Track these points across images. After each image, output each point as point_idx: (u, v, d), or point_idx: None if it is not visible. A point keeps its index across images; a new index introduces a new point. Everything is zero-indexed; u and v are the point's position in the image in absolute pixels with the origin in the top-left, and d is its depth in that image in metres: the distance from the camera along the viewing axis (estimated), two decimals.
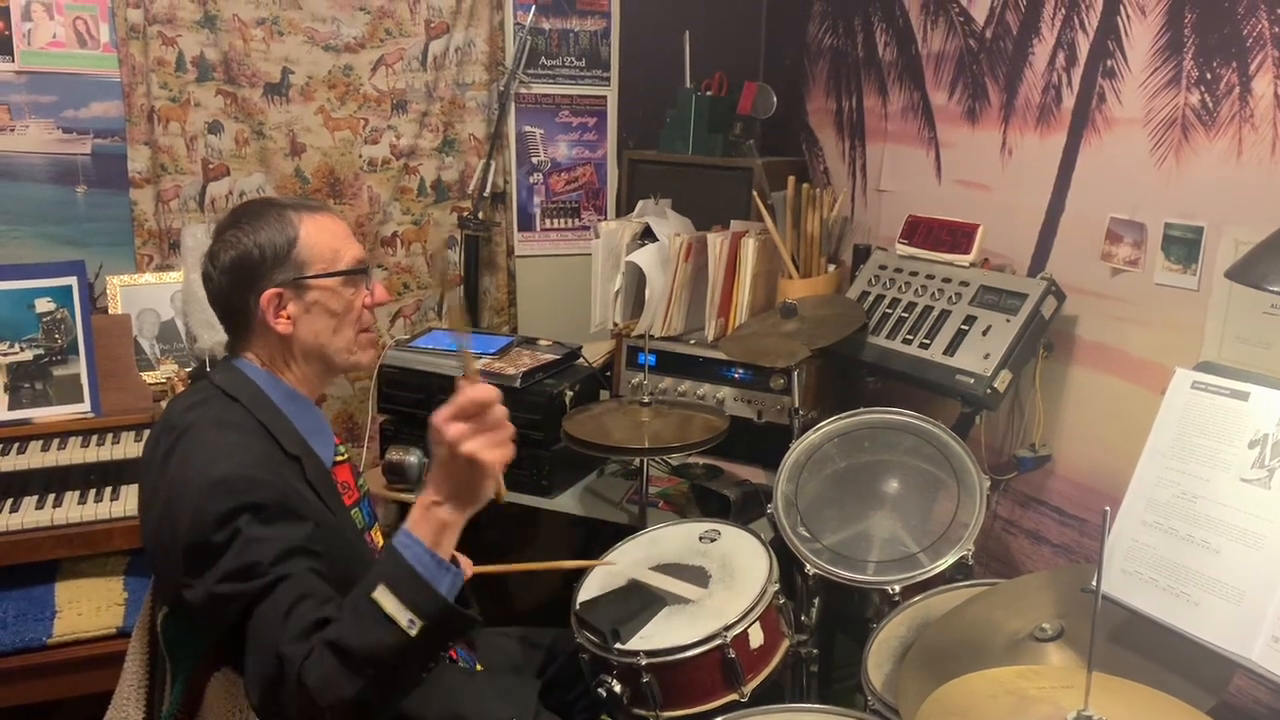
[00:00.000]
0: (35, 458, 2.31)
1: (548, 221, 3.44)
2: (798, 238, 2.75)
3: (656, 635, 1.81)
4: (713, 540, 2.06)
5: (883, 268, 2.53)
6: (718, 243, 2.70)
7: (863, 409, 2.21)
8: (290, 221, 1.53)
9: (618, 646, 1.78)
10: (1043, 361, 2.26)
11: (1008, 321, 2.17)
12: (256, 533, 1.31)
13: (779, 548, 2.00)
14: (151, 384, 2.63)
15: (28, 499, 2.30)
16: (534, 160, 3.38)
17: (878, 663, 1.74)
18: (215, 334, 2.63)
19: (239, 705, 1.42)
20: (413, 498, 2.52)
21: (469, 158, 3.24)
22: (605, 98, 3.43)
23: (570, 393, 2.57)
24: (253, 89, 2.95)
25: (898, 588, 1.87)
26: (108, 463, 2.36)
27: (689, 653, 1.75)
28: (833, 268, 2.78)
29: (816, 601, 2.01)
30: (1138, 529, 1.50)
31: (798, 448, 2.19)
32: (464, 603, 1.29)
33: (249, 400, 1.49)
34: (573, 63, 3.36)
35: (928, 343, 2.29)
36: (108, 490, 2.35)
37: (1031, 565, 2.37)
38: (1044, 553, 2.35)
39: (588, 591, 1.95)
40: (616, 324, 2.89)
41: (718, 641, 1.75)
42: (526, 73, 3.29)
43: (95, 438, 2.40)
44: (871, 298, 2.50)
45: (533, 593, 3.03)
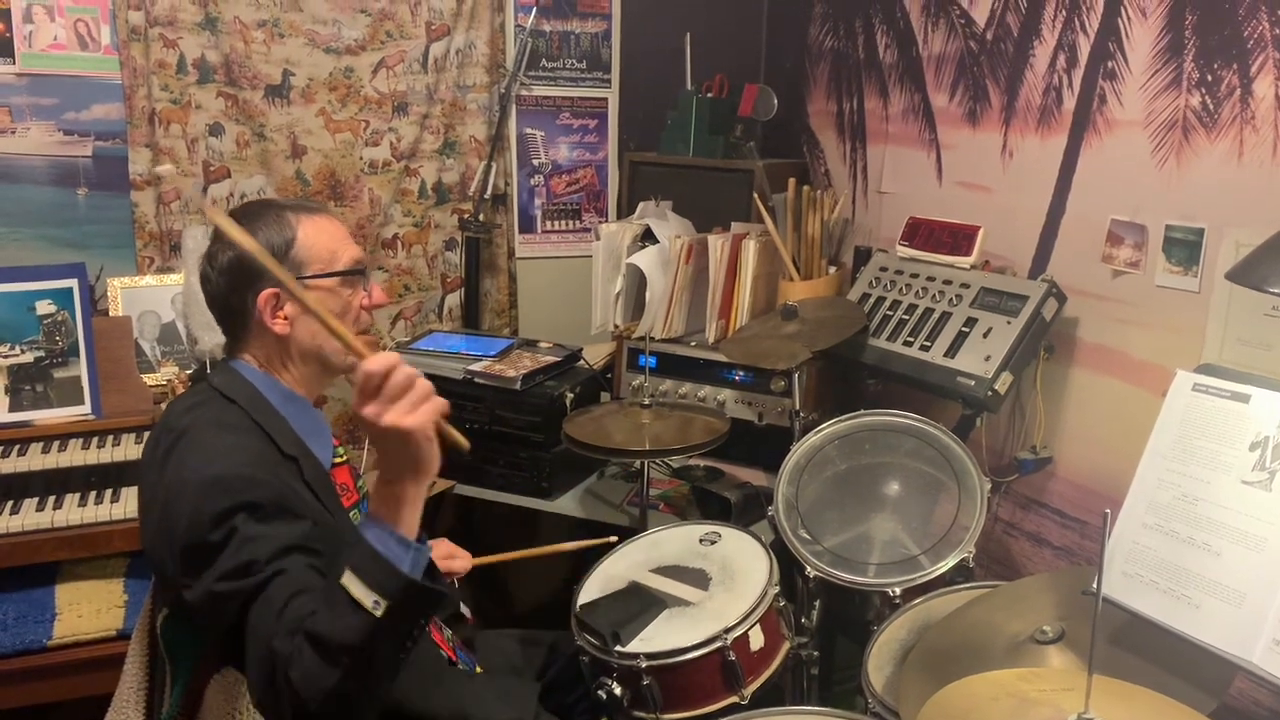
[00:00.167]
0: (35, 459, 2.31)
1: (548, 223, 3.44)
2: (798, 240, 2.75)
3: (657, 637, 1.80)
4: (713, 542, 2.06)
5: (883, 269, 2.53)
6: (718, 245, 2.70)
7: (863, 411, 2.21)
8: (289, 222, 1.53)
9: (618, 649, 1.77)
10: (1044, 364, 2.26)
11: (1009, 323, 2.17)
12: (253, 531, 1.31)
13: (779, 550, 2.00)
14: (152, 386, 2.63)
15: (28, 501, 2.30)
16: (535, 162, 3.38)
17: (878, 665, 1.74)
18: (216, 336, 2.61)
19: (238, 707, 1.42)
20: None
21: (470, 160, 3.24)
22: (606, 100, 3.43)
23: (571, 395, 2.57)
24: (254, 91, 2.96)
25: (898, 590, 1.87)
26: (108, 465, 2.36)
27: (689, 655, 1.75)
28: (833, 270, 2.78)
29: (817, 604, 2.00)
30: (1138, 531, 1.50)
31: (798, 450, 2.19)
32: (435, 580, 1.26)
33: (246, 401, 1.49)
34: (573, 65, 3.36)
35: (928, 345, 2.29)
36: (108, 492, 2.35)
37: (1032, 567, 2.37)
38: (1045, 555, 2.34)
39: (588, 594, 1.95)
40: (617, 326, 2.89)
41: (718, 644, 1.75)
42: (527, 75, 3.29)
43: (96, 440, 2.40)
44: (872, 300, 2.50)
45: (533, 594, 3.03)
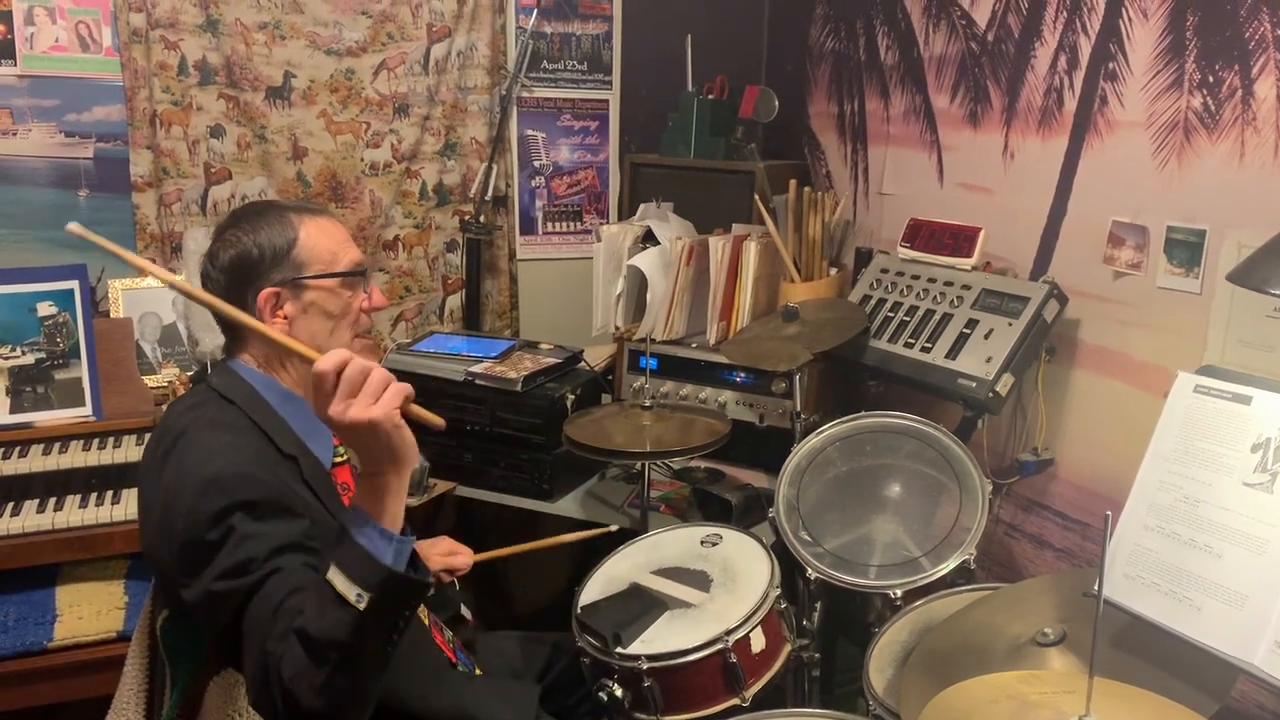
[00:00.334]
0: (36, 461, 2.31)
1: (549, 225, 3.44)
2: (799, 241, 2.74)
3: (658, 639, 1.80)
4: (714, 544, 2.05)
5: (884, 271, 2.53)
6: (719, 246, 2.70)
7: (864, 413, 2.21)
8: (290, 223, 1.53)
9: (619, 650, 1.77)
10: (1045, 365, 2.26)
11: (1010, 325, 2.17)
12: (250, 529, 1.31)
13: (780, 552, 1.99)
14: (153, 387, 2.63)
15: (29, 503, 2.30)
16: (536, 164, 3.38)
17: (879, 667, 1.73)
18: (217, 337, 2.61)
19: (237, 709, 1.42)
20: (414, 501, 2.52)
21: (471, 161, 3.24)
22: (607, 101, 3.43)
23: (572, 396, 2.57)
24: (255, 93, 2.96)
25: (899, 592, 1.86)
26: (109, 466, 2.37)
27: (690, 657, 1.75)
28: (834, 271, 2.78)
29: (818, 606, 2.00)
30: (1140, 533, 1.50)
31: (799, 452, 2.19)
32: (417, 572, 1.26)
33: (244, 401, 1.49)
34: (574, 66, 3.36)
35: (930, 346, 2.29)
36: (109, 494, 2.36)
37: (1034, 569, 2.36)
38: (1046, 557, 2.34)
39: (589, 595, 1.95)
40: (618, 327, 2.89)
41: (719, 646, 1.75)
42: (528, 76, 3.29)
43: (96, 441, 2.40)
44: (873, 301, 2.50)
45: (534, 596, 3.03)
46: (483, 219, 3.21)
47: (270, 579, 1.28)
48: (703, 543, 2.07)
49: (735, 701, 1.77)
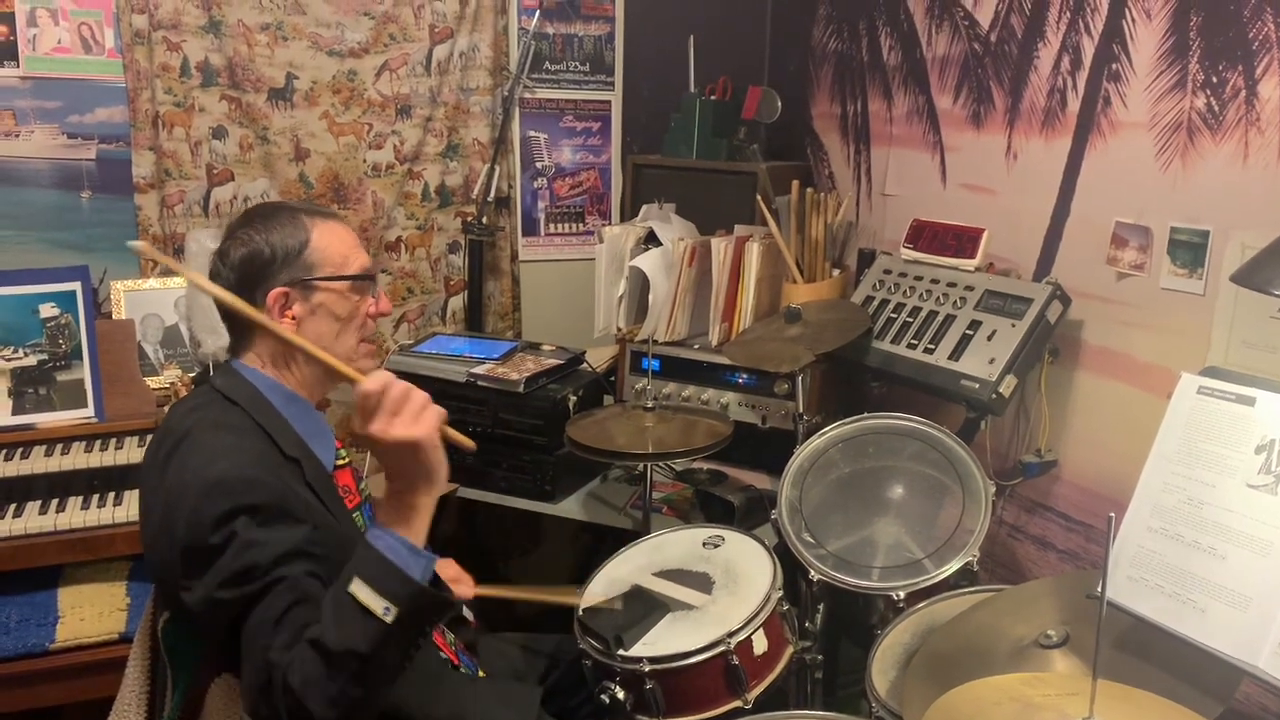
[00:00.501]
0: (38, 463, 2.31)
1: (552, 226, 3.44)
2: (802, 242, 2.74)
3: (660, 642, 1.80)
4: (716, 546, 2.05)
5: (887, 272, 2.53)
6: (722, 247, 2.69)
7: (867, 414, 2.20)
8: (303, 225, 1.54)
9: (621, 653, 1.77)
10: (1048, 366, 2.25)
11: (1013, 326, 2.16)
12: (253, 535, 1.31)
13: (783, 554, 1.99)
14: (155, 389, 2.63)
15: (31, 504, 2.30)
16: (538, 165, 3.38)
17: (882, 669, 1.73)
18: (219, 339, 2.63)
19: (238, 711, 1.42)
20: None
21: (473, 162, 3.24)
22: (609, 102, 3.43)
23: (574, 398, 2.56)
24: (257, 94, 2.96)
25: (902, 594, 1.86)
26: (111, 468, 2.36)
27: (692, 659, 1.74)
28: (837, 272, 2.78)
29: (821, 607, 2.00)
30: (1144, 535, 1.49)
31: (802, 453, 2.18)
32: (441, 588, 1.30)
33: (247, 403, 1.49)
34: (577, 67, 3.36)
35: (932, 347, 2.29)
36: (111, 495, 2.35)
37: (1037, 571, 2.36)
38: (1050, 558, 2.33)
39: (591, 597, 1.94)
40: (620, 329, 2.89)
41: (721, 648, 1.74)
42: (530, 77, 3.29)
43: (99, 443, 2.40)
44: (876, 302, 2.49)
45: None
46: (485, 220, 3.21)
47: (274, 588, 1.29)
48: (705, 544, 2.06)
49: (737, 704, 1.77)
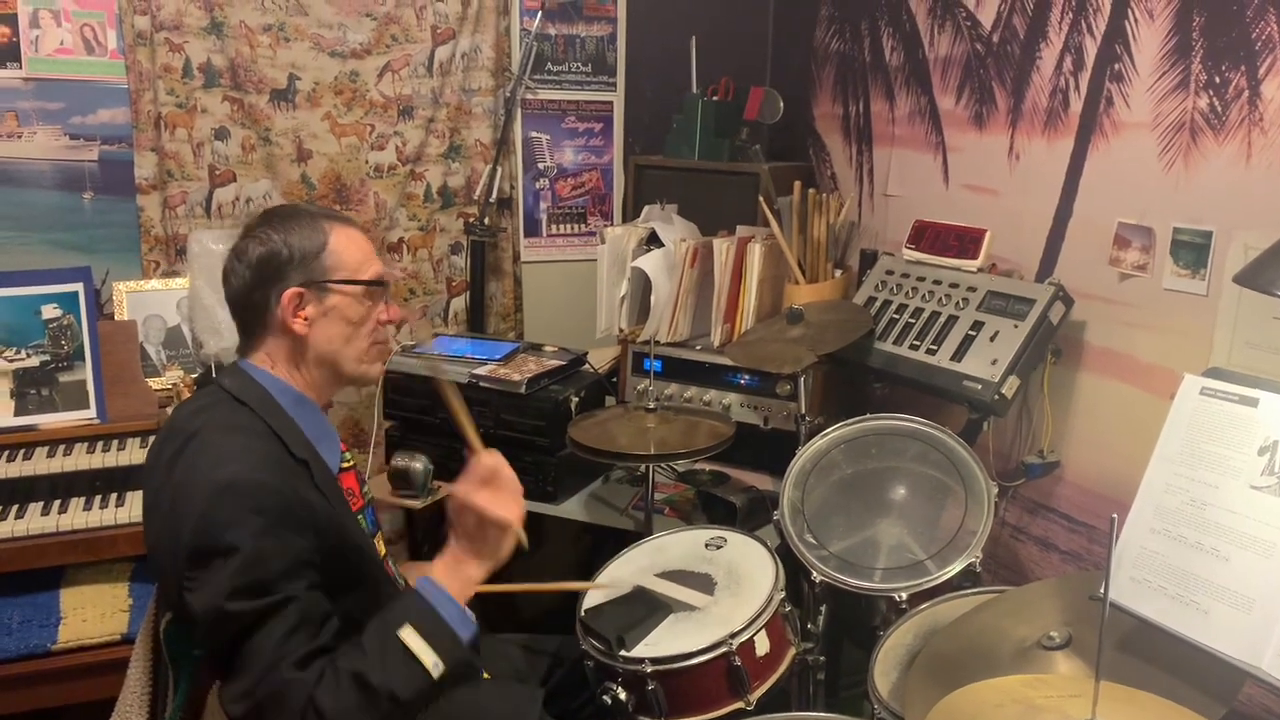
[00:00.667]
0: (41, 464, 2.31)
1: (554, 227, 3.44)
2: (804, 243, 2.74)
3: (662, 643, 1.80)
4: (718, 547, 2.05)
5: (890, 273, 2.52)
6: (724, 248, 2.69)
7: (869, 415, 2.20)
8: (321, 228, 1.55)
9: (623, 654, 1.77)
10: (1051, 367, 2.25)
11: (1015, 327, 2.16)
12: (261, 545, 1.32)
13: (785, 555, 1.99)
14: (157, 390, 2.63)
15: (33, 505, 2.30)
16: (540, 166, 3.38)
17: (884, 670, 1.73)
18: (220, 340, 2.64)
19: None
20: (418, 504, 2.52)
21: (475, 163, 3.24)
22: (611, 103, 3.43)
23: (576, 399, 2.56)
24: (259, 95, 2.96)
25: (905, 595, 1.86)
26: (113, 469, 2.36)
27: (694, 660, 1.74)
28: (839, 273, 2.78)
29: (823, 609, 1.99)
30: (1146, 536, 1.49)
31: (804, 454, 2.18)
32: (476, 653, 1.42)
33: (257, 404, 1.49)
34: (579, 68, 3.36)
35: (935, 348, 2.28)
36: (113, 496, 2.36)
37: (1040, 572, 2.36)
38: (1052, 560, 2.33)
39: (593, 598, 1.94)
40: (622, 330, 2.89)
41: (723, 649, 1.74)
42: (532, 78, 3.29)
43: (101, 444, 2.40)
44: (878, 303, 2.49)
45: (537, 599, 3.01)
46: (487, 221, 3.21)
47: (282, 607, 1.31)
48: (707, 545, 2.06)
49: (740, 705, 1.77)
